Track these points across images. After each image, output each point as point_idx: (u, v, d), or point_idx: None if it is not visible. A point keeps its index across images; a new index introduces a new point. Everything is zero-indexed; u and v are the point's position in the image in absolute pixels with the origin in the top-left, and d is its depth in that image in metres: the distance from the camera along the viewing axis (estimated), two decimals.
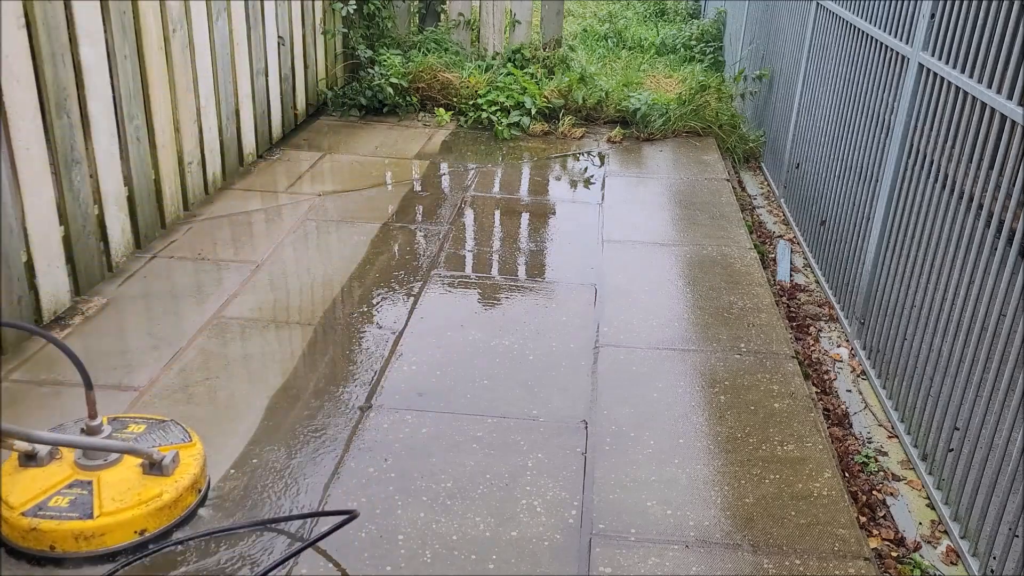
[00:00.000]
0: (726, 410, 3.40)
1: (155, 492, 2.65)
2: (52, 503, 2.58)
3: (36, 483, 2.64)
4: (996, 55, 2.86)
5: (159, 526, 2.64)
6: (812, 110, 5.21)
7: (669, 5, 11.76)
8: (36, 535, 2.52)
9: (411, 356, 3.71)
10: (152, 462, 2.70)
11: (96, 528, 2.53)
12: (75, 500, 2.59)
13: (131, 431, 2.90)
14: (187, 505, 2.72)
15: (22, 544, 2.54)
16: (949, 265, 3.15)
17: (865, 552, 2.71)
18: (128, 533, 2.58)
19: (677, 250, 4.83)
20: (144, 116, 4.50)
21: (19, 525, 2.53)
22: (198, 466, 2.79)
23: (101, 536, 2.54)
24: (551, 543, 2.71)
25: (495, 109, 7.03)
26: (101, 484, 2.65)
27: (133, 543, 2.59)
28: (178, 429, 2.94)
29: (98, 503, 2.59)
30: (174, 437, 2.90)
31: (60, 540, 2.52)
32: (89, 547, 2.54)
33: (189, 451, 2.84)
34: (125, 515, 2.58)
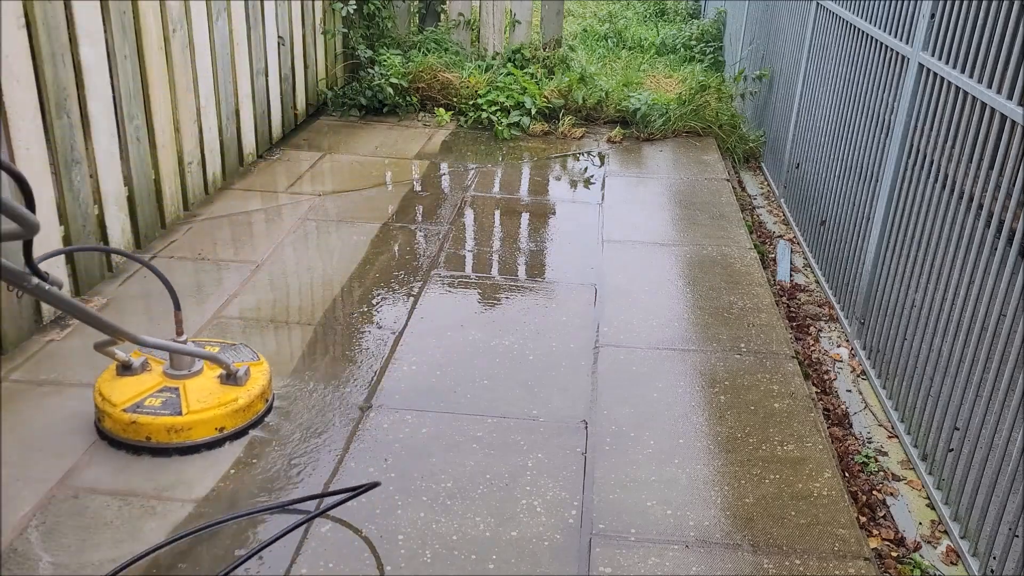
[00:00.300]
0: (726, 410, 3.40)
1: (232, 397, 3.14)
2: (147, 403, 3.07)
3: (132, 387, 3.12)
4: (996, 55, 2.86)
5: (235, 425, 3.12)
6: (812, 110, 5.21)
7: (669, 5, 11.76)
8: (135, 427, 3.00)
9: (411, 356, 3.71)
10: (229, 373, 3.18)
11: (184, 423, 3.02)
12: (166, 401, 3.08)
13: (208, 351, 3.27)
14: (257, 411, 3.21)
15: (122, 435, 3.02)
16: (949, 265, 3.15)
17: (865, 552, 2.71)
18: (210, 429, 3.07)
19: (677, 250, 4.83)
20: (144, 116, 4.51)
21: (121, 420, 3.01)
22: (266, 379, 3.28)
23: (188, 430, 3.03)
24: (551, 543, 2.71)
25: (495, 109, 7.03)
26: (187, 389, 3.13)
27: (214, 438, 3.07)
28: (247, 350, 3.41)
29: (185, 403, 3.08)
30: (245, 356, 3.36)
31: (155, 432, 3.01)
32: (178, 439, 3.03)
33: (258, 367, 3.32)
34: (208, 414, 3.06)
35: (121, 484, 2.89)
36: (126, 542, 2.64)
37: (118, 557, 2.57)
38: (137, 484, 2.89)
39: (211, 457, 3.04)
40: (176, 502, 2.83)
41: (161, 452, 3.01)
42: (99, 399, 3.08)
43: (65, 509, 2.76)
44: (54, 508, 2.76)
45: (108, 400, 3.06)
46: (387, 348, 3.76)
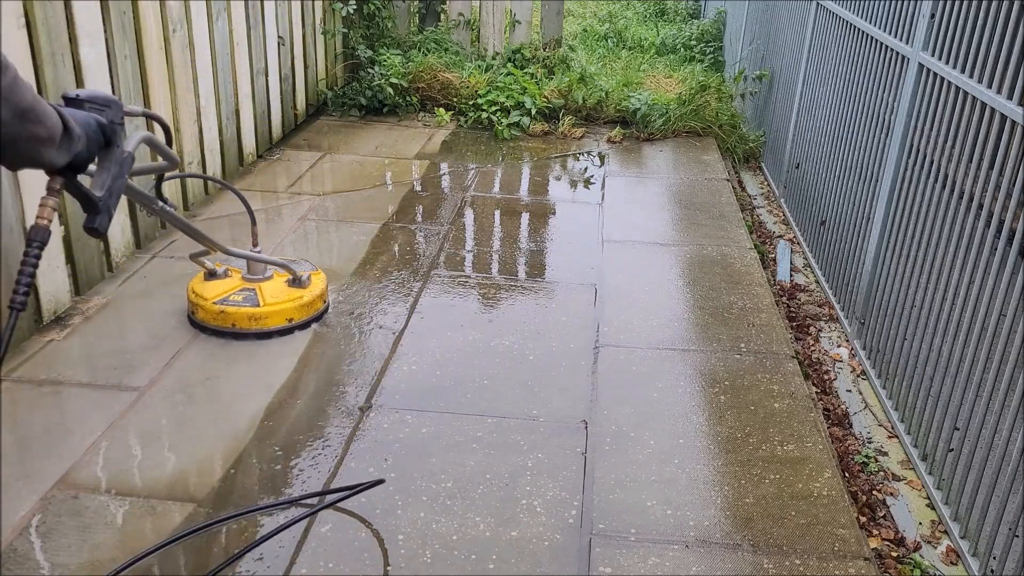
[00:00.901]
0: (726, 410, 3.40)
1: (298, 295, 3.84)
2: (231, 298, 3.78)
3: (218, 288, 3.83)
4: (996, 55, 2.86)
5: (301, 318, 3.83)
6: (812, 110, 5.21)
7: (669, 5, 11.76)
8: (223, 316, 3.73)
9: (411, 356, 3.71)
10: (295, 277, 3.89)
11: (262, 313, 3.75)
12: (246, 296, 3.80)
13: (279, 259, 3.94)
14: (317, 308, 3.92)
15: (212, 323, 3.74)
16: (949, 265, 3.15)
17: (865, 552, 2.71)
18: (281, 320, 3.78)
19: (677, 250, 4.83)
20: None
21: (211, 310, 3.73)
22: (323, 284, 4.00)
23: (265, 319, 3.76)
24: (551, 543, 2.71)
25: (495, 109, 7.03)
26: (262, 289, 3.84)
27: (284, 327, 3.79)
28: (308, 264, 4.11)
29: (262, 298, 3.79)
30: (306, 267, 4.03)
31: (239, 320, 3.73)
32: (257, 326, 3.75)
33: (317, 275, 4.02)
34: (280, 307, 3.77)
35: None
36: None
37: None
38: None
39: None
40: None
41: (242, 336, 3.72)
42: (192, 295, 3.79)
43: (66, 508, 2.76)
44: (54, 508, 2.76)
45: (200, 296, 3.75)
46: (387, 348, 3.76)
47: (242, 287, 3.85)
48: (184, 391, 3.40)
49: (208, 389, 3.43)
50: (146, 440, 3.12)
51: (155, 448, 3.08)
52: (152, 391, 3.39)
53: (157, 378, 3.47)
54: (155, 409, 3.28)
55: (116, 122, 1.99)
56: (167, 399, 3.35)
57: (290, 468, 3.01)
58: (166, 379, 3.47)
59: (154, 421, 3.22)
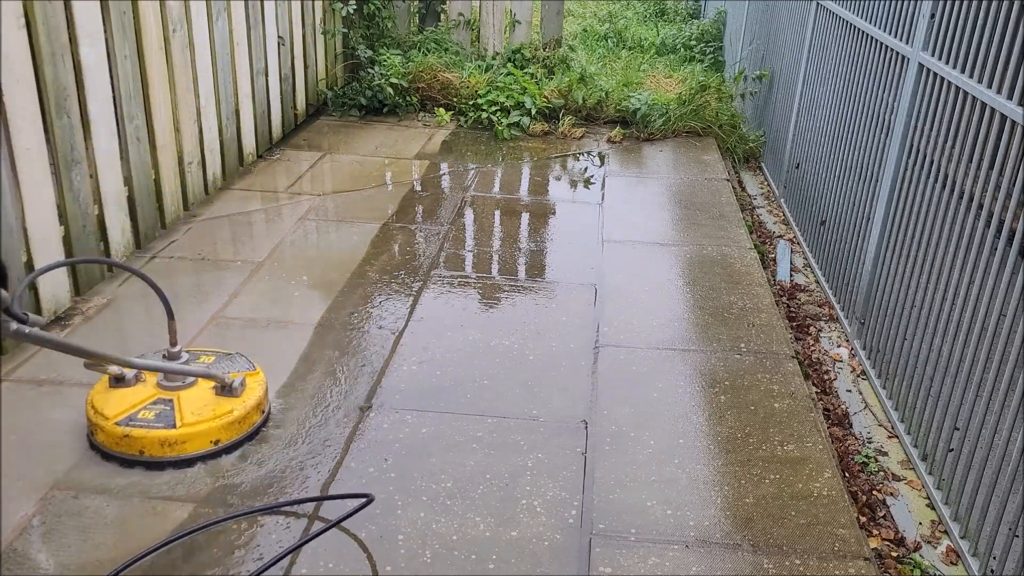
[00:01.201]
0: (726, 410, 3.40)
1: (227, 409, 3.07)
2: (140, 416, 2.99)
3: (125, 400, 3.05)
4: (996, 55, 2.86)
5: (230, 438, 3.05)
6: (812, 110, 5.21)
7: (669, 5, 11.76)
8: (128, 441, 2.93)
9: (411, 356, 3.71)
10: (223, 385, 3.12)
11: (178, 436, 2.96)
12: (160, 413, 3.01)
13: (203, 361, 3.28)
14: (253, 422, 3.15)
15: (115, 449, 2.96)
16: (949, 265, 3.15)
17: (865, 552, 2.71)
18: (205, 442, 3.00)
19: (677, 250, 4.83)
20: (144, 116, 4.51)
21: (114, 433, 2.93)
22: (262, 390, 3.21)
23: (183, 443, 2.97)
24: (551, 543, 2.71)
25: (495, 109, 7.03)
26: (181, 401, 3.07)
27: (209, 451, 3.01)
28: (243, 359, 3.35)
29: (179, 416, 3.01)
30: (240, 366, 3.30)
31: (148, 446, 2.94)
32: (172, 452, 2.96)
33: (254, 378, 3.26)
34: (202, 427, 2.99)
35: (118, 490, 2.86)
36: (127, 542, 2.64)
37: (118, 557, 2.57)
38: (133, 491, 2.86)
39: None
40: (175, 503, 2.82)
41: (155, 466, 2.93)
42: (91, 412, 3.01)
43: (66, 509, 2.76)
44: (54, 508, 2.76)
45: (100, 413, 2.98)
46: (387, 348, 3.76)
47: (156, 397, 3.07)
48: None
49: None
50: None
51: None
52: None
53: None
54: None
55: None
56: None
57: (290, 467, 3.01)
58: None
59: None
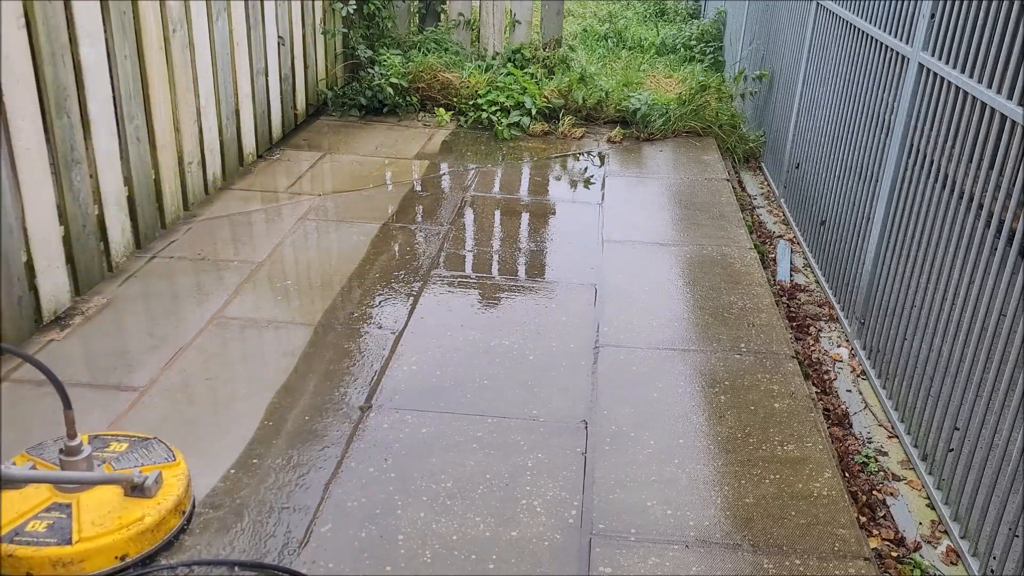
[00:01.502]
0: (726, 410, 3.40)
1: (136, 516, 2.55)
2: (29, 527, 2.48)
3: (13, 506, 2.54)
4: (996, 55, 2.86)
5: (141, 550, 2.54)
6: (812, 110, 5.21)
7: (669, 5, 11.76)
8: (13, 562, 2.43)
9: (411, 356, 3.71)
10: (133, 485, 2.61)
11: (75, 554, 2.44)
12: (53, 524, 2.49)
13: (112, 449, 2.81)
14: (170, 528, 2.62)
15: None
16: (949, 265, 3.15)
17: (865, 552, 2.71)
18: (108, 559, 2.49)
19: (677, 250, 4.83)
20: (144, 116, 4.51)
21: None
22: (182, 487, 2.69)
23: (80, 562, 2.45)
24: (551, 543, 2.71)
25: (495, 109, 7.03)
26: (80, 507, 2.56)
27: (114, 569, 2.50)
28: (162, 448, 2.86)
29: (77, 527, 2.49)
30: (157, 456, 2.81)
31: (37, 566, 2.43)
32: (68, 574, 2.45)
33: (173, 471, 2.74)
34: (105, 540, 2.48)
35: None
36: None
37: None
38: None
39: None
40: None
41: None
42: None
43: None
44: None
45: None
46: (387, 348, 3.76)
47: (51, 502, 2.57)
48: (184, 391, 3.40)
49: (209, 388, 3.43)
50: None
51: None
52: (152, 391, 3.39)
53: (157, 378, 3.47)
54: (155, 409, 3.28)
55: None
56: (167, 399, 3.35)
57: (289, 467, 3.01)
58: (166, 379, 3.47)
59: (154, 422, 3.21)
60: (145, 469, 2.70)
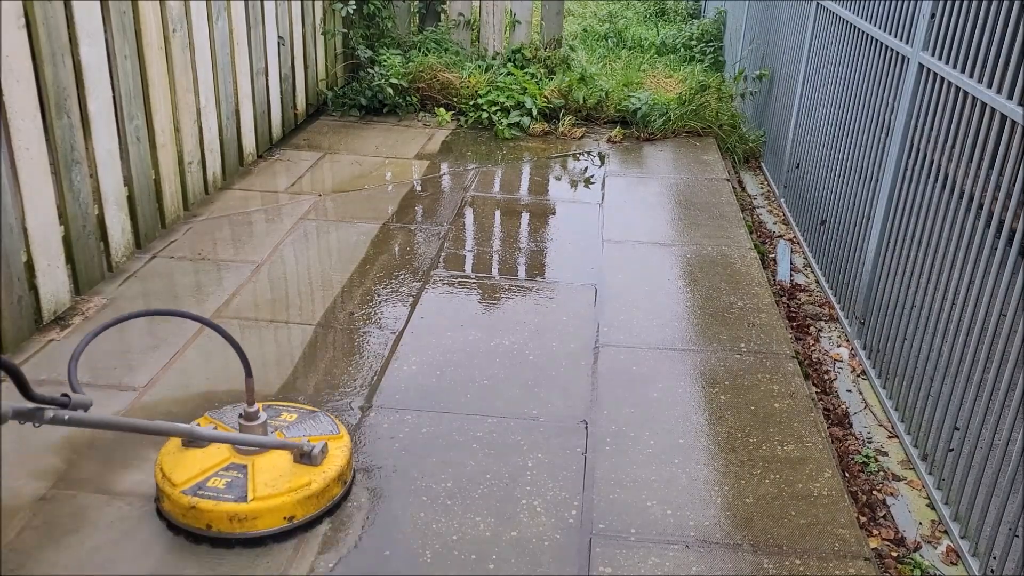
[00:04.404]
0: (726, 410, 3.40)
1: (304, 481, 2.73)
2: (210, 484, 2.69)
3: (196, 463, 2.76)
4: (996, 55, 2.86)
5: (306, 514, 2.73)
6: (812, 110, 5.21)
7: (669, 5, 11.76)
8: (195, 513, 2.64)
9: (411, 356, 3.71)
10: (302, 453, 2.79)
11: (249, 511, 2.64)
12: (231, 482, 2.70)
13: (284, 419, 3.01)
14: (333, 496, 2.81)
15: (182, 521, 2.67)
16: (949, 265, 3.15)
17: (865, 552, 2.71)
18: (277, 519, 2.68)
19: (677, 250, 4.83)
20: (144, 116, 4.51)
21: (180, 503, 2.65)
22: (344, 458, 2.88)
23: (253, 519, 2.65)
24: (551, 543, 2.71)
25: (495, 109, 7.03)
26: (255, 469, 2.76)
27: (281, 529, 2.68)
28: (328, 420, 3.04)
29: (252, 487, 2.69)
30: (323, 428, 2.99)
31: (216, 520, 2.63)
32: (242, 529, 2.64)
33: (337, 443, 2.93)
34: (276, 501, 2.67)
35: None
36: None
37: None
38: None
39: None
40: None
41: (222, 543, 2.64)
42: (159, 476, 2.74)
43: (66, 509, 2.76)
44: (54, 508, 2.76)
45: (168, 479, 2.70)
46: (387, 348, 3.76)
47: (230, 462, 2.78)
48: (185, 391, 3.40)
49: (210, 387, 3.43)
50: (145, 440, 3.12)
51: (155, 447, 3.07)
52: (152, 391, 3.39)
53: (157, 378, 3.47)
54: (156, 409, 3.28)
55: None
56: (166, 399, 3.35)
57: None
58: (166, 379, 3.47)
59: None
60: (313, 439, 2.86)
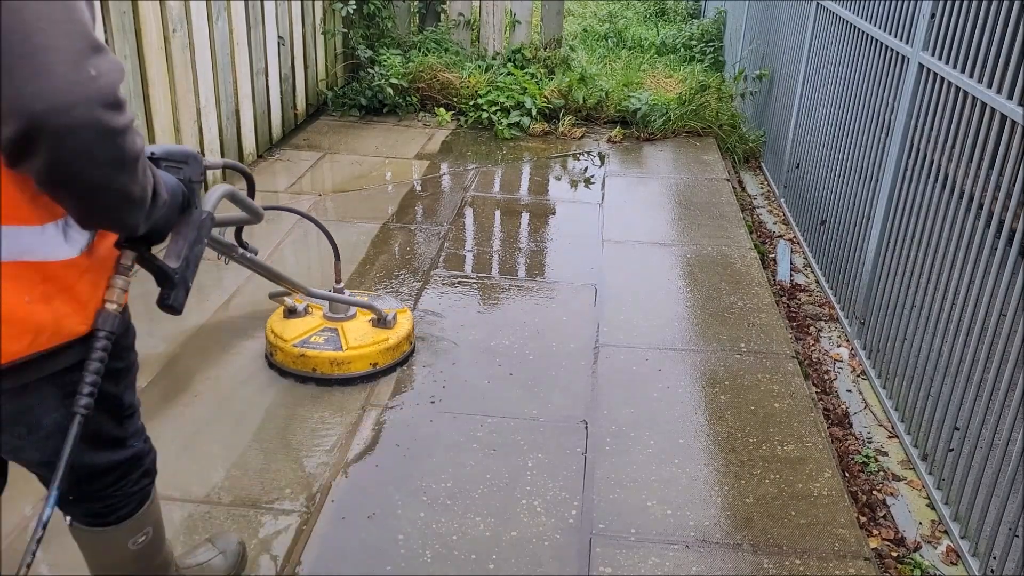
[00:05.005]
0: (726, 410, 3.40)
1: (383, 337, 3.57)
2: (312, 340, 3.52)
3: (299, 327, 3.58)
4: (996, 55, 2.86)
5: (386, 362, 3.56)
6: (812, 110, 5.21)
7: (669, 5, 11.76)
8: (303, 360, 3.47)
9: (410, 355, 3.71)
10: (380, 317, 3.62)
11: (345, 358, 3.47)
12: (328, 339, 3.53)
13: (364, 300, 3.70)
14: (404, 351, 3.65)
15: (292, 367, 3.49)
16: (949, 265, 3.15)
17: (865, 552, 2.71)
18: (365, 364, 3.51)
19: (677, 250, 4.83)
20: (144, 116, 4.51)
21: (291, 353, 3.48)
22: (410, 325, 3.71)
23: (348, 364, 3.48)
24: (551, 543, 2.71)
25: (495, 109, 7.03)
26: (344, 330, 3.58)
27: (367, 372, 3.52)
28: (392, 299, 3.89)
29: (344, 341, 3.52)
30: (391, 304, 3.74)
31: (320, 364, 3.46)
32: (339, 371, 3.48)
33: (403, 314, 3.74)
34: (364, 351, 3.50)
35: None
36: None
37: None
38: None
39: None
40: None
41: (324, 382, 3.46)
42: (272, 336, 3.54)
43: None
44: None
45: (280, 336, 3.52)
46: None
47: (323, 327, 3.60)
48: (185, 391, 3.40)
49: (209, 386, 3.43)
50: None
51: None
52: (151, 391, 3.39)
53: (157, 379, 3.47)
54: (154, 410, 3.28)
55: (194, 180, 1.75)
56: (166, 399, 3.35)
57: (289, 468, 3.01)
58: (166, 379, 3.47)
59: (153, 422, 3.21)
60: (386, 311, 3.64)
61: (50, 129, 1.29)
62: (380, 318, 3.61)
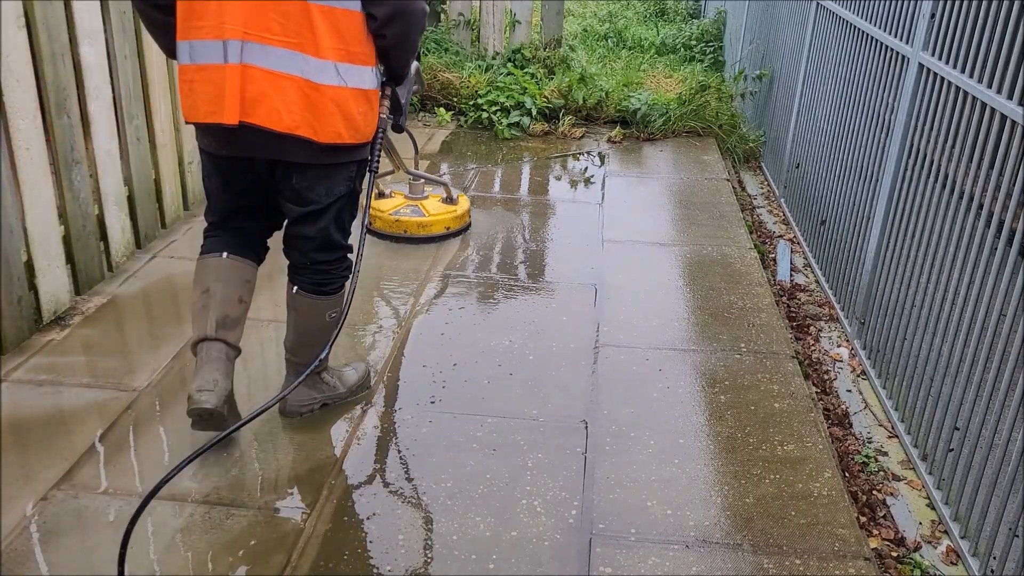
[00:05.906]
0: (726, 410, 3.40)
1: (452, 209, 4.90)
2: (402, 211, 4.84)
3: (390, 203, 4.92)
4: (996, 55, 2.86)
5: (456, 227, 4.89)
6: (812, 110, 5.21)
7: (669, 5, 11.76)
8: (398, 224, 4.80)
9: (411, 355, 3.71)
10: (448, 196, 4.94)
11: (427, 222, 4.80)
12: (413, 210, 4.85)
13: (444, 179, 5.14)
14: (465, 221, 5.00)
15: (388, 231, 4.81)
16: (949, 265, 3.15)
17: (865, 552, 2.71)
18: (441, 228, 4.84)
19: (677, 250, 4.83)
20: (144, 116, 4.51)
21: (388, 220, 4.79)
22: (468, 203, 5.06)
23: (430, 226, 4.80)
24: (551, 543, 2.71)
25: (495, 109, 7.03)
26: (423, 204, 4.89)
27: (443, 234, 4.85)
28: (452, 189, 5.02)
29: (426, 211, 4.83)
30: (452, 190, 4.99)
31: (410, 227, 4.80)
32: (425, 232, 4.80)
33: (462, 196, 5.06)
34: (440, 218, 4.83)
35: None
36: None
37: None
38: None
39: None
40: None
41: (412, 241, 4.76)
42: (372, 209, 4.76)
43: (66, 509, 2.76)
44: (54, 508, 2.77)
45: (378, 209, 4.82)
46: (386, 348, 3.76)
47: (408, 204, 4.87)
48: (185, 390, 3.40)
49: None
50: (146, 441, 3.12)
51: (156, 448, 3.08)
52: (152, 391, 3.39)
53: (157, 379, 3.47)
54: (154, 409, 3.28)
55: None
56: (167, 399, 3.35)
57: (289, 468, 3.01)
58: (167, 379, 3.47)
59: (153, 422, 3.22)
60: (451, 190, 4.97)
61: (407, 11, 2.62)
62: (448, 196, 4.90)
